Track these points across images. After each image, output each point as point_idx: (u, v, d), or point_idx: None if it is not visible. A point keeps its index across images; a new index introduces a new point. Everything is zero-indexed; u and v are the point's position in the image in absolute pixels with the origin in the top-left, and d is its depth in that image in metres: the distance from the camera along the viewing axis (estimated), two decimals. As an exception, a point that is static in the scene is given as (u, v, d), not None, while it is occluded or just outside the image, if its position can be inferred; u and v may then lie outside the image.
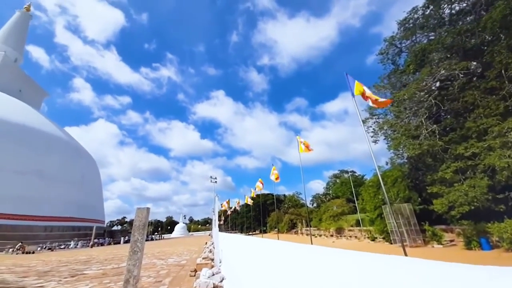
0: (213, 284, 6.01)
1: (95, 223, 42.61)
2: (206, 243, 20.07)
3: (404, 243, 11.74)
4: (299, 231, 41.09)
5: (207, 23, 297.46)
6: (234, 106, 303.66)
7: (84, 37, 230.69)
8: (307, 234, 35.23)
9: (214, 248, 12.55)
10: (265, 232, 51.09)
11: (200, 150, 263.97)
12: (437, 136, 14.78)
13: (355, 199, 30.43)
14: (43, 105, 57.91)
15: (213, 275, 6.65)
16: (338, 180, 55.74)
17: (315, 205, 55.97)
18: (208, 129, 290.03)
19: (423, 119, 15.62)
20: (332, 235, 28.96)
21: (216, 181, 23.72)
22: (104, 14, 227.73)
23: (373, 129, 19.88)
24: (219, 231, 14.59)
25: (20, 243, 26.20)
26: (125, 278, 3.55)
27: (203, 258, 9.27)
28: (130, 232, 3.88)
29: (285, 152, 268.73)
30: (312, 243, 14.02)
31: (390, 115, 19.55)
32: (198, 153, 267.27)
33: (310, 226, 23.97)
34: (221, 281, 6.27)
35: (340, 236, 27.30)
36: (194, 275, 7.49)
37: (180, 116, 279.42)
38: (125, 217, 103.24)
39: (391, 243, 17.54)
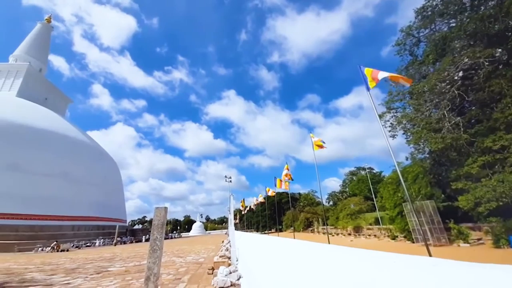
0: (230, 282, 6.08)
1: (117, 222, 44.62)
2: (223, 241, 20.35)
3: (428, 242, 11.21)
4: (315, 230, 40.55)
5: (216, 23, 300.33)
6: (246, 105, 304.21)
7: (100, 45, 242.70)
8: (323, 233, 34.67)
9: (230, 246, 12.70)
10: (281, 230, 50.95)
11: (213, 150, 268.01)
12: (462, 129, 13.95)
13: (373, 196, 29.51)
14: (67, 111, 61.32)
15: (230, 273, 6.72)
16: (354, 178, 54.32)
17: (331, 203, 54.96)
18: (221, 129, 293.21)
19: (445, 111, 14.79)
20: (350, 234, 28.30)
21: (231, 181, 23.98)
22: (117, 21, 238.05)
23: (391, 123, 19.13)
24: (235, 230, 14.74)
25: (55, 242, 28.14)
26: (146, 275, 3.68)
27: (220, 257, 9.41)
28: (150, 231, 4.00)
29: (298, 150, 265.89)
30: (329, 242, 13.77)
31: (409, 109, 18.71)
32: (211, 153, 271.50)
33: (327, 225, 23.53)
34: (238, 279, 6.33)
35: (358, 234, 26.61)
36: (212, 273, 7.61)
37: (193, 117, 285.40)
38: (145, 216, 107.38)
39: (413, 242, 16.83)
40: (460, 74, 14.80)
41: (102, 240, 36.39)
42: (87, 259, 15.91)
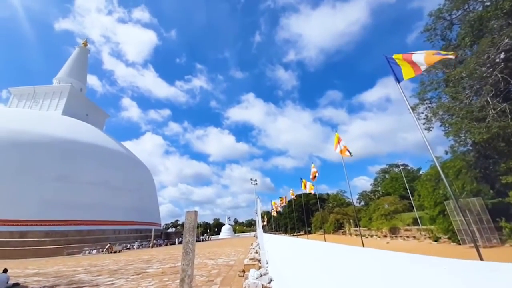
0: (262, 285, 6.08)
1: (153, 226, 47.45)
2: (252, 244, 20.47)
3: (477, 244, 10.07)
4: (347, 232, 38.86)
5: (230, 28, 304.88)
6: (265, 106, 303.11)
7: (126, 61, 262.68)
8: (356, 235, 33.06)
9: (260, 249, 12.72)
10: (310, 232, 49.72)
11: (236, 153, 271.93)
12: (509, 116, 12.39)
13: (409, 195, 27.47)
14: (104, 125, 67.08)
15: (261, 276, 6.73)
16: (387, 176, 51.08)
17: (362, 203, 52.26)
18: (242, 132, 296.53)
19: (488, 98, 13.29)
20: (385, 236, 26.60)
21: (256, 183, 24.08)
22: (139, 37, 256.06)
23: (425, 115, 17.67)
24: (263, 232, 14.75)
25: (108, 244, 31.48)
26: (180, 277, 3.85)
27: (250, 259, 9.47)
28: (183, 234, 4.18)
29: (323, 149, 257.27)
30: (363, 245, 13.10)
31: (445, 98, 17.14)
32: (235, 156, 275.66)
33: (360, 226, 22.37)
34: (269, 282, 6.31)
35: (395, 236, 24.90)
36: (243, 276, 7.69)
37: (214, 122, 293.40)
38: (177, 220, 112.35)
39: (459, 244, 15.27)
40: (502, 56, 13.19)
41: (140, 243, 38.92)
42: (128, 260, 17.12)
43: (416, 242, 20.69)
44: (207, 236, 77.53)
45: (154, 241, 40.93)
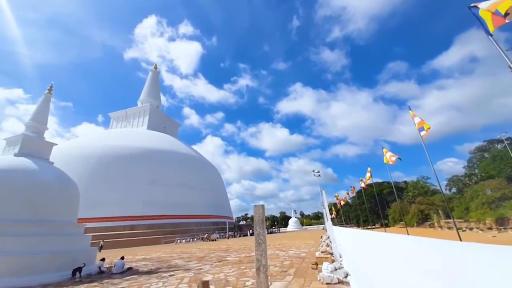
0: (338, 279, 5.92)
1: (226, 219, 52.45)
2: (322, 237, 19.98)
3: None
4: (435, 224, 33.15)
5: (265, 20, 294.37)
6: (315, 94, 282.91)
7: (180, 74, 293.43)
8: (449, 228, 27.79)
9: (331, 242, 12.32)
10: (387, 225, 44.75)
11: (292, 146, 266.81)
12: None
13: (526, 177, 21.22)
14: (178, 134, 77.81)
15: (336, 269, 6.54)
16: (486, 155, 40.64)
17: (453, 190, 43.43)
18: (295, 124, 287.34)
19: None
20: (489, 228, 21.47)
21: (319, 175, 23.30)
22: (187, 50, 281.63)
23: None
24: (333, 225, 14.19)
25: (206, 234, 37.83)
26: (256, 266, 4.16)
27: (321, 252, 9.31)
28: (253, 226, 4.50)
29: (390, 131, 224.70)
30: (461, 239, 10.98)
31: None
32: (291, 149, 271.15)
33: (453, 218, 18.62)
34: (346, 276, 6.07)
35: (504, 228, 19.80)
36: (316, 268, 7.64)
37: (265, 118, 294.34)
38: (246, 213, 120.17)
39: None
40: None
41: (218, 234, 43.67)
42: (210, 249, 19.49)
43: (545, 237, 15.86)
44: (276, 229, 79.94)
45: (230, 233, 45.25)
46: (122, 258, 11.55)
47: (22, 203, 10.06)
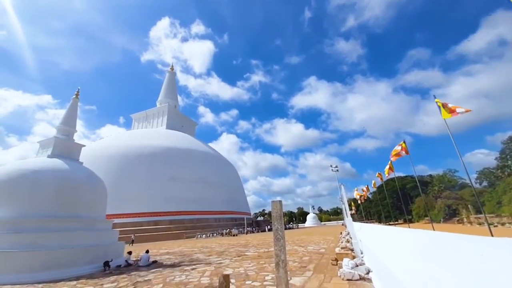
0: (359, 275, 5.81)
1: (244, 215, 53.16)
2: (341, 233, 19.62)
3: None
4: (464, 220, 31.21)
5: (276, 13, 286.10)
6: (331, 87, 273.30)
7: (194, 73, 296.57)
8: (479, 223, 26.05)
9: (351, 238, 12.08)
10: (410, 221, 42.86)
11: (307, 141, 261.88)
12: None
13: None
14: (195, 132, 79.63)
15: (357, 266, 6.42)
16: (523, 145, 37.29)
17: (484, 184, 40.49)
18: (310, 118, 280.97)
19: None
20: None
21: (337, 170, 22.74)
22: (200, 49, 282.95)
23: None
24: (353, 221, 13.87)
25: (228, 229, 38.65)
26: (275, 261, 4.20)
27: (341, 248, 9.17)
28: (271, 222, 4.54)
29: (412, 123, 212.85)
30: (492, 235, 10.25)
31: None
32: (306, 144, 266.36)
33: (484, 213, 17.38)
34: (367, 273, 5.95)
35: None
36: (336, 264, 7.56)
37: (279, 113, 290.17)
38: (264, 209, 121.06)
39: None
40: None
41: (237, 229, 44.45)
42: (229, 244, 19.92)
43: None
44: (294, 224, 79.64)
45: (248, 228, 45.89)
46: (147, 251, 12.15)
47: (56, 201, 10.91)
